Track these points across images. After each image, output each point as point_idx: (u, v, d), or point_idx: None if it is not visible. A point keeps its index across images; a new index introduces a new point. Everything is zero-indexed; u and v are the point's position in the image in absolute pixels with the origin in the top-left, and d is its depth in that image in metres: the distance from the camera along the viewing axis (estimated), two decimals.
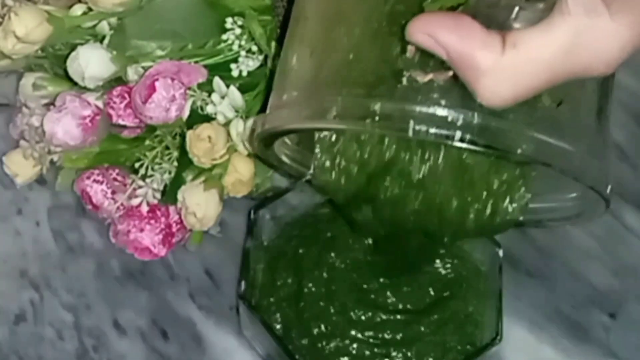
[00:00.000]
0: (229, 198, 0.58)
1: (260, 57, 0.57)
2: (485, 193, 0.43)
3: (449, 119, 0.35)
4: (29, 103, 0.58)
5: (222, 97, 0.56)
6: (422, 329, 0.53)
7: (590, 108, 0.40)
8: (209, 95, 0.55)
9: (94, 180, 0.57)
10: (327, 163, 0.44)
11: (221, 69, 0.56)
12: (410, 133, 0.35)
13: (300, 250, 0.56)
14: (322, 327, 0.53)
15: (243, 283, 0.53)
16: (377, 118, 0.36)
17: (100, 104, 0.56)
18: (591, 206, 0.42)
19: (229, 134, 0.56)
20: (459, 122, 0.35)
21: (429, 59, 0.35)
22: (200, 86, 0.55)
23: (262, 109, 0.57)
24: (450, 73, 0.34)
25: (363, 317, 0.53)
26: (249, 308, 0.52)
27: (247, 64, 0.56)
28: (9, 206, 0.62)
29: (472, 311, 0.54)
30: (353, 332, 0.53)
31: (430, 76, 0.36)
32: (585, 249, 0.63)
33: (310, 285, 0.54)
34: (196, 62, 0.56)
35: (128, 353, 0.57)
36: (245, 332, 0.57)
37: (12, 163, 0.59)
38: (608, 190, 0.39)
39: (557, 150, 0.37)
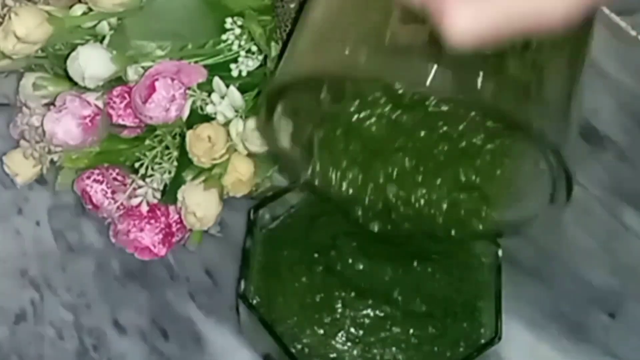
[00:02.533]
0: (229, 198, 0.58)
1: (260, 57, 0.57)
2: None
3: (426, 71, 0.38)
4: (29, 103, 0.58)
5: (222, 97, 0.56)
6: (421, 329, 0.53)
7: (560, 89, 0.42)
8: (209, 95, 0.56)
9: (94, 180, 0.57)
10: (325, 165, 0.45)
11: (221, 69, 0.56)
12: (428, 83, 0.38)
13: (297, 249, 0.56)
14: (320, 328, 0.53)
15: (243, 283, 0.53)
16: (364, 65, 0.39)
17: (100, 104, 0.56)
18: (558, 193, 0.44)
19: (228, 134, 0.56)
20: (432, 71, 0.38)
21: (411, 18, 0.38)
22: (200, 86, 0.56)
23: None
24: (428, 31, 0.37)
25: (361, 319, 0.53)
26: (249, 308, 0.52)
27: (246, 64, 0.57)
28: (9, 206, 0.62)
29: (472, 310, 0.54)
30: (351, 333, 0.53)
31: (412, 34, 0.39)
32: (585, 249, 0.63)
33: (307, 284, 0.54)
34: (196, 62, 0.56)
35: (128, 352, 0.58)
36: (244, 332, 0.58)
37: (13, 163, 0.59)
38: (573, 174, 0.42)
39: (521, 107, 0.40)
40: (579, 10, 0.33)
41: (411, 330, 0.52)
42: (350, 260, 0.53)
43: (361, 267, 0.53)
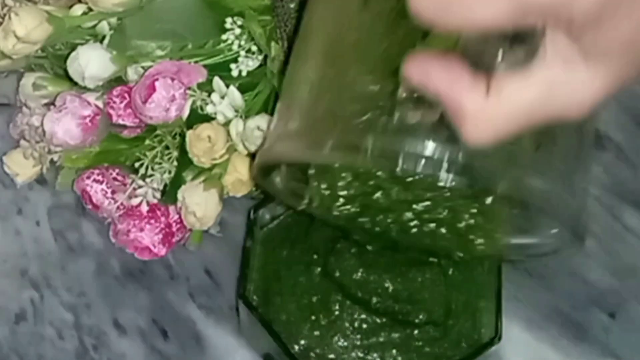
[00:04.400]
0: (229, 197, 0.58)
1: (260, 57, 0.57)
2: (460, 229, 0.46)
3: (435, 157, 0.38)
4: (29, 103, 0.58)
5: (222, 97, 0.56)
6: (422, 332, 0.53)
7: (569, 149, 0.42)
8: (209, 95, 0.56)
9: (94, 180, 0.57)
10: (321, 194, 0.46)
11: (221, 69, 0.56)
12: (399, 170, 0.38)
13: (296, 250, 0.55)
14: (316, 330, 0.53)
15: (243, 283, 0.53)
16: (369, 153, 0.39)
17: (100, 103, 0.56)
18: (569, 243, 0.45)
19: (228, 134, 0.56)
20: (444, 161, 0.38)
21: (419, 100, 0.37)
22: (200, 86, 0.56)
23: (262, 109, 0.58)
24: (438, 114, 0.36)
25: (360, 322, 0.53)
26: (249, 308, 0.52)
27: (246, 64, 0.57)
28: (9, 206, 0.62)
29: (472, 311, 0.54)
30: (349, 336, 0.52)
31: (419, 116, 0.38)
32: (585, 249, 0.63)
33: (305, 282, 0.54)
34: (196, 62, 0.56)
35: (128, 352, 0.58)
36: (244, 332, 0.58)
37: (13, 163, 0.59)
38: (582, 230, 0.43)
39: (534, 189, 0.40)
40: (602, 99, 0.32)
41: (412, 335, 0.52)
42: (349, 269, 0.53)
43: (359, 276, 0.53)
